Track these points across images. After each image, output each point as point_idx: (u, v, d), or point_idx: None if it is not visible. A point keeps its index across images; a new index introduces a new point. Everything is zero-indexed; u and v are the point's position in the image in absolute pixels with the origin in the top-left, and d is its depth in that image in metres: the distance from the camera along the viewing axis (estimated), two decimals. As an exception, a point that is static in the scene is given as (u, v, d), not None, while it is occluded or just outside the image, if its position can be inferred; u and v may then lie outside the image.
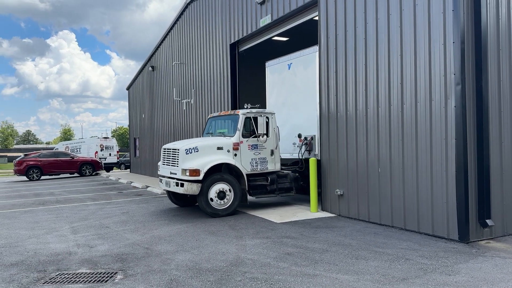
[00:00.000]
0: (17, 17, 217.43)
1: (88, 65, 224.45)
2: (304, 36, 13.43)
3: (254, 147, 10.64)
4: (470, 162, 7.22)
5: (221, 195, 10.02)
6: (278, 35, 13.32)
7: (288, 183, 11.08)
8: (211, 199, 9.93)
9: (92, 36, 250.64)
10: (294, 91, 12.14)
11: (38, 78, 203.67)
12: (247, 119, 10.67)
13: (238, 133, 10.51)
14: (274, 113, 11.14)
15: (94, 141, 35.50)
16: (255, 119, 10.55)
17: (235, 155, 10.39)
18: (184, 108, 19.41)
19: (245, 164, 10.50)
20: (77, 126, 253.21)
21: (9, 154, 77.80)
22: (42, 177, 26.32)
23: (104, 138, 38.78)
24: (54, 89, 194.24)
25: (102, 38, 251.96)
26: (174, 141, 17.22)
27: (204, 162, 9.93)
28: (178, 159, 10.21)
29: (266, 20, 12.77)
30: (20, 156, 27.74)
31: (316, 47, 10.93)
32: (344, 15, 9.60)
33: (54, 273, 6.12)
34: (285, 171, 11.29)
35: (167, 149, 10.91)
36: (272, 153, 10.91)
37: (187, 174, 9.79)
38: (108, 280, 5.72)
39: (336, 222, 9.19)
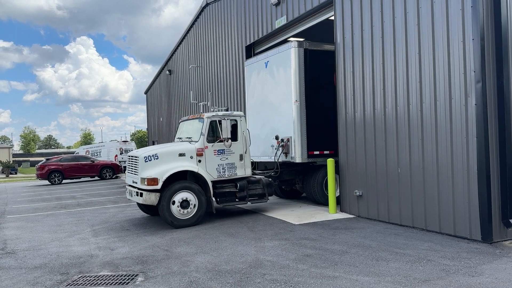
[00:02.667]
0: (35, 25, 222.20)
1: (106, 70, 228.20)
2: (319, 37, 13.36)
3: (221, 152, 10.03)
4: (492, 161, 7.08)
5: (184, 204, 9.33)
6: (293, 36, 13.29)
7: (260, 189, 10.47)
8: (173, 209, 9.27)
9: (109, 42, 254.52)
10: (271, 90, 11.88)
11: (58, 84, 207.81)
12: (213, 123, 10.08)
13: (203, 138, 9.90)
14: (243, 116, 10.58)
15: (113, 145, 35.96)
16: (220, 122, 9.98)
17: (199, 161, 9.76)
18: (201, 111, 19.51)
19: (210, 170, 9.88)
20: (96, 130, 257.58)
21: (31, 159, 79.48)
22: (64, 181, 26.79)
23: (124, 141, 39.22)
24: (73, 94, 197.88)
25: (119, 43, 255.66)
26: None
27: (163, 170, 9.29)
28: (138, 167, 9.60)
29: (281, 21, 12.76)
30: (42, 160, 28.30)
31: (291, 43, 10.84)
32: (361, 14, 9.52)
33: (76, 275, 6.23)
34: (257, 176, 10.73)
35: (130, 156, 10.23)
36: (241, 158, 10.29)
37: (145, 183, 9.18)
38: (129, 282, 5.79)
39: (355, 223, 9.11)
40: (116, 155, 33.84)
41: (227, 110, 10.97)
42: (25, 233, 9.74)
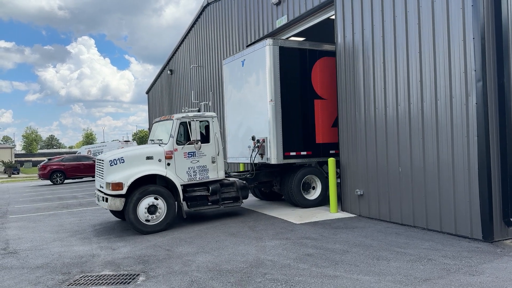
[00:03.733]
0: (36, 25, 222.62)
1: (107, 70, 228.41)
2: (320, 36, 13.36)
3: (192, 154, 9.66)
4: (493, 160, 7.08)
5: (152, 209, 8.95)
6: (294, 35, 13.28)
7: (234, 192, 10.19)
8: (140, 215, 8.88)
9: (110, 42, 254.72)
10: (248, 89, 11.62)
11: (60, 84, 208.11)
12: (183, 124, 9.71)
13: (172, 140, 9.52)
14: (215, 117, 10.24)
15: (115, 145, 36.00)
16: (190, 124, 9.61)
17: (168, 164, 9.38)
18: (203, 111, 19.54)
19: (180, 173, 9.51)
20: (98, 130, 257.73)
21: (33, 159, 79.66)
22: (66, 181, 26.86)
23: (125, 141, 39.30)
24: (75, 94, 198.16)
25: (120, 43, 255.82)
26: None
27: (128, 175, 8.90)
28: (104, 172, 9.27)
29: (282, 20, 12.76)
30: (44, 160, 28.37)
31: (266, 41, 10.62)
32: (361, 14, 9.52)
33: (78, 275, 6.25)
34: (231, 179, 10.44)
35: (98, 160, 9.88)
36: (213, 160, 9.93)
37: (110, 188, 8.81)
38: (130, 282, 5.82)
39: (356, 223, 9.12)
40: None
41: (199, 111, 10.51)
42: (27, 233, 9.78)
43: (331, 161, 10.41)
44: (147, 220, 8.95)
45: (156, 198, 9.04)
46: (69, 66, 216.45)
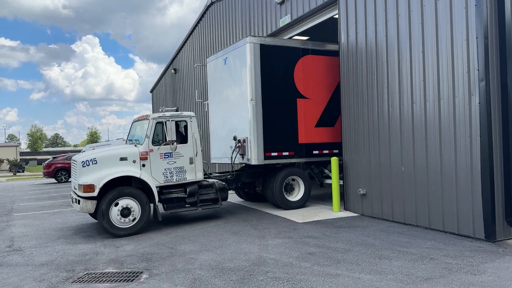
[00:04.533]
0: (41, 24, 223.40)
1: (112, 69, 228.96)
2: (324, 35, 13.36)
3: (168, 155, 9.36)
4: (496, 159, 7.07)
5: (125, 212, 8.67)
6: (298, 34, 13.28)
7: (213, 193, 9.90)
8: (113, 217, 8.61)
9: (114, 41, 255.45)
10: (230, 88, 11.41)
11: (64, 83, 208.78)
12: (159, 125, 9.44)
13: (147, 141, 9.23)
14: (193, 116, 9.93)
15: (120, 143, 36.05)
16: (166, 124, 9.37)
17: (143, 165, 9.10)
18: (206, 110, 19.58)
19: (156, 175, 9.22)
20: (103, 128, 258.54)
21: (38, 157, 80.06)
22: (70, 179, 26.95)
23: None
24: (79, 93, 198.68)
25: (124, 42, 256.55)
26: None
27: (101, 176, 8.62)
28: (76, 173, 9.05)
29: (285, 20, 12.77)
30: (49, 159, 28.50)
31: (247, 39, 10.49)
32: (365, 13, 9.53)
33: (82, 272, 6.31)
34: (210, 180, 10.18)
35: (73, 160, 9.56)
36: (191, 161, 9.61)
37: (82, 190, 8.56)
38: (134, 279, 5.87)
39: (359, 222, 9.13)
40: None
41: (176, 110, 10.14)
42: (32, 231, 9.86)
43: (334, 160, 10.42)
44: (121, 223, 8.66)
45: (129, 200, 8.79)
46: (73, 65, 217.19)
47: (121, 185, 8.86)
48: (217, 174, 11.12)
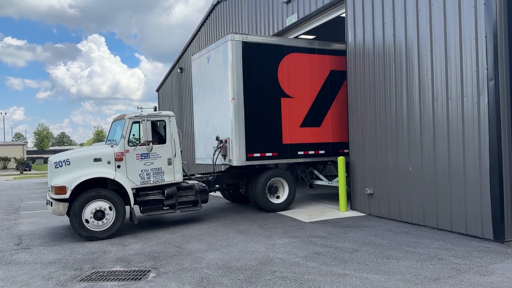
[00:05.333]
0: (47, 23, 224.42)
1: (118, 68, 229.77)
2: (331, 34, 13.32)
3: (145, 156, 9.04)
4: (505, 159, 7.02)
5: (99, 214, 8.41)
6: (304, 33, 13.25)
7: (193, 196, 9.55)
8: (87, 220, 8.34)
9: (120, 40, 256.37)
10: (213, 87, 11.11)
11: (70, 82, 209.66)
12: (136, 124, 9.13)
13: (123, 141, 8.93)
14: (172, 116, 9.55)
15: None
16: (141, 124, 9.06)
17: (119, 166, 8.80)
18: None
19: (132, 177, 8.92)
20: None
21: (45, 156, 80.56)
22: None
23: (135, 139, 39.40)
24: (85, 92, 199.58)
25: (130, 41, 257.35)
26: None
27: (73, 178, 8.34)
28: (49, 174, 8.82)
29: (292, 19, 12.74)
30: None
31: (228, 36, 10.25)
32: (372, 12, 9.48)
33: (89, 271, 6.34)
34: (190, 182, 9.85)
35: (48, 161, 9.22)
36: (169, 162, 9.28)
37: (54, 192, 8.32)
38: (141, 278, 5.88)
39: (366, 222, 9.10)
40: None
41: (155, 109, 9.68)
42: (39, 229, 9.91)
43: (341, 159, 10.38)
44: (94, 226, 8.41)
45: (103, 203, 8.52)
46: (79, 64, 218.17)
47: (97, 187, 8.60)
48: (200, 175, 10.78)
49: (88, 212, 8.38)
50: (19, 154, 62.58)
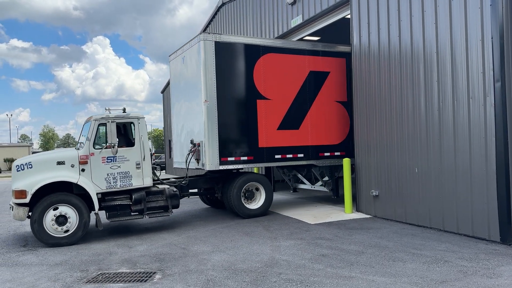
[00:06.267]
0: (52, 25, 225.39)
1: (122, 70, 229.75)
2: (336, 35, 13.31)
3: (111, 159, 8.74)
4: (512, 161, 6.98)
5: (61, 220, 8.14)
6: (309, 35, 13.24)
7: (163, 201, 9.24)
8: (47, 226, 8.10)
9: (124, 42, 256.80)
10: (187, 88, 10.78)
11: (75, 83, 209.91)
12: (102, 126, 8.84)
13: (88, 144, 8.66)
14: (142, 118, 9.25)
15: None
16: (107, 125, 8.77)
17: (83, 170, 8.54)
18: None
19: (97, 181, 8.63)
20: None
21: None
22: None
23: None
24: (90, 94, 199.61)
25: (134, 43, 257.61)
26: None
27: (34, 181, 8.09)
28: (12, 177, 8.58)
29: (297, 20, 12.74)
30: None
31: (201, 36, 9.97)
32: (377, 13, 9.47)
33: (95, 272, 6.36)
34: (160, 187, 9.55)
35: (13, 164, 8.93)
36: (138, 166, 8.97)
37: (14, 196, 8.09)
38: (147, 279, 5.89)
39: (371, 223, 9.07)
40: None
41: (124, 111, 9.39)
42: (45, 231, 9.94)
43: (346, 161, 10.36)
44: (56, 232, 8.16)
45: (66, 208, 8.27)
46: (84, 66, 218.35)
47: (61, 191, 8.36)
48: (174, 179, 10.53)
49: (49, 217, 8.13)
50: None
